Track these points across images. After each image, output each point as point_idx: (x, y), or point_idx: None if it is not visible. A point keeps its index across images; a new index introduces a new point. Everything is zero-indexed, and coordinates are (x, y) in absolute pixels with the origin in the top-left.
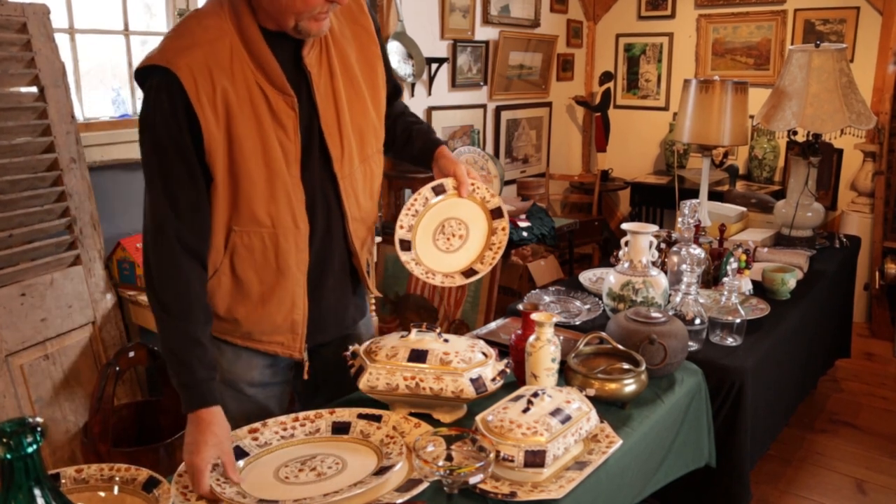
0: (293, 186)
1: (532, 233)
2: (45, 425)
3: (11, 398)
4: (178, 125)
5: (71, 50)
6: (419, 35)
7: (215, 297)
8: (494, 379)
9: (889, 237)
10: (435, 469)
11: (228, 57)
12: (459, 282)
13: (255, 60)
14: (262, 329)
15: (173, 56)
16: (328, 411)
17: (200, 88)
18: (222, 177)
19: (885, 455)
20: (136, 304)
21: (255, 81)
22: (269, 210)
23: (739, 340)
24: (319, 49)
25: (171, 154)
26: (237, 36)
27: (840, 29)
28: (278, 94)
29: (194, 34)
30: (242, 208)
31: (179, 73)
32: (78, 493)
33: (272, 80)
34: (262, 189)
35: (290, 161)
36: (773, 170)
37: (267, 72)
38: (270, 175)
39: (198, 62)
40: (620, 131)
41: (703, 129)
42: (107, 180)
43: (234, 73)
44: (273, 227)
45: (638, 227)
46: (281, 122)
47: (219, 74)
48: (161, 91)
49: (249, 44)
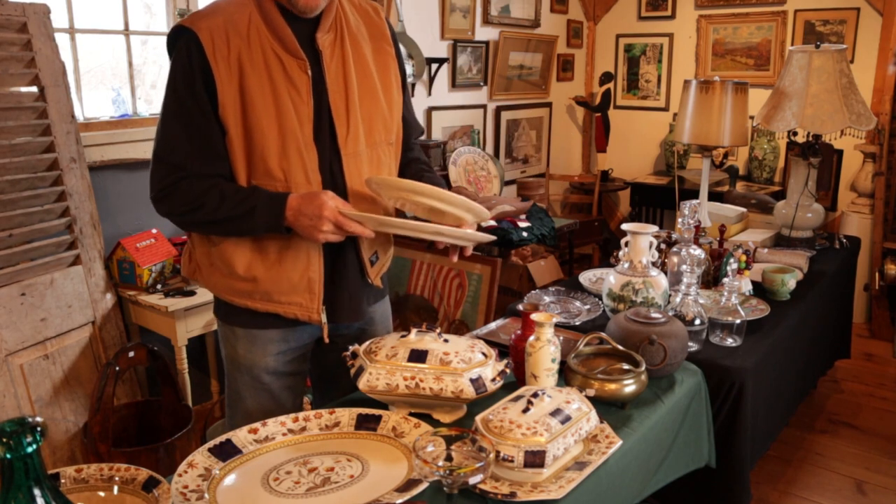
0: (305, 145)
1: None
2: (45, 425)
3: (11, 398)
4: (194, 76)
5: (71, 50)
6: (419, 35)
7: (234, 255)
8: (494, 379)
9: (889, 238)
10: (435, 469)
11: (246, 25)
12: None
13: (270, 30)
14: (281, 288)
15: (196, 19)
16: (328, 411)
17: (217, 47)
18: (236, 130)
19: (884, 455)
20: (136, 304)
21: (269, 47)
22: (282, 165)
23: (739, 341)
24: (335, 35)
25: (189, 106)
26: (256, 10)
27: (840, 30)
28: (292, 58)
29: (218, 5)
30: (257, 162)
31: (200, 33)
32: (78, 493)
33: (286, 46)
34: (274, 144)
35: (303, 121)
36: (773, 170)
37: (281, 38)
38: (283, 132)
39: (217, 26)
40: (620, 132)
41: (703, 129)
42: (107, 180)
43: (250, 38)
44: (286, 182)
45: (638, 227)
46: (294, 83)
47: (235, 38)
48: (182, 48)
49: (267, 16)
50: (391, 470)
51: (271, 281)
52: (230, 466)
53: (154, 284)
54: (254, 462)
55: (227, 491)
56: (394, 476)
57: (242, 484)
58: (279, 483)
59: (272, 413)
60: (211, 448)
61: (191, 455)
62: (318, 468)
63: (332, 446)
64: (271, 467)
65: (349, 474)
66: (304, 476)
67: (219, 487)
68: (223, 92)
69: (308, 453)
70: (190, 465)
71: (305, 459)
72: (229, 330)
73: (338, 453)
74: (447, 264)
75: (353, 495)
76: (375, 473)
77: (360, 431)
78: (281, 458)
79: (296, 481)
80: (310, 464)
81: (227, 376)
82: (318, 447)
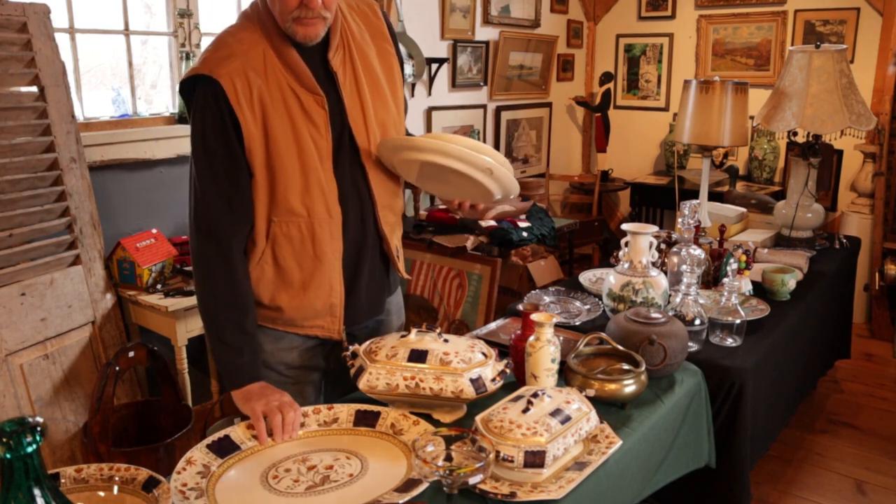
0: (326, 180)
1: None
2: (45, 425)
3: (11, 398)
4: (224, 128)
5: (71, 50)
6: (419, 35)
7: (259, 286)
8: (494, 379)
9: (889, 238)
10: (435, 469)
11: (262, 63)
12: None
13: (285, 65)
14: (304, 315)
15: (215, 66)
16: (326, 407)
17: (240, 92)
18: (261, 171)
19: (884, 456)
20: (136, 304)
21: (286, 84)
22: (305, 201)
23: (739, 341)
24: (343, 52)
25: (221, 156)
26: (268, 44)
27: (840, 30)
28: (308, 94)
29: (231, 46)
30: (280, 200)
31: (221, 80)
32: (77, 493)
33: (302, 82)
34: (297, 182)
35: (323, 156)
36: (773, 170)
37: (297, 74)
38: (304, 169)
39: (237, 70)
40: (620, 132)
41: (704, 129)
42: (107, 180)
43: (267, 76)
44: (309, 217)
45: (638, 227)
46: (312, 119)
47: (254, 77)
48: (206, 98)
49: (279, 50)
50: (391, 468)
51: (296, 309)
52: (229, 463)
53: (154, 284)
54: (252, 459)
55: (226, 489)
56: (393, 475)
57: (241, 482)
58: (278, 481)
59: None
60: (209, 444)
61: (189, 452)
62: (317, 466)
63: (331, 443)
64: (270, 464)
65: (348, 473)
66: (303, 474)
67: (217, 485)
68: (249, 136)
69: (307, 450)
70: (188, 461)
71: (304, 457)
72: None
73: (337, 450)
74: (447, 264)
75: (353, 495)
76: (375, 472)
77: (358, 428)
78: (279, 455)
79: (295, 479)
80: (309, 461)
81: None
82: (316, 443)
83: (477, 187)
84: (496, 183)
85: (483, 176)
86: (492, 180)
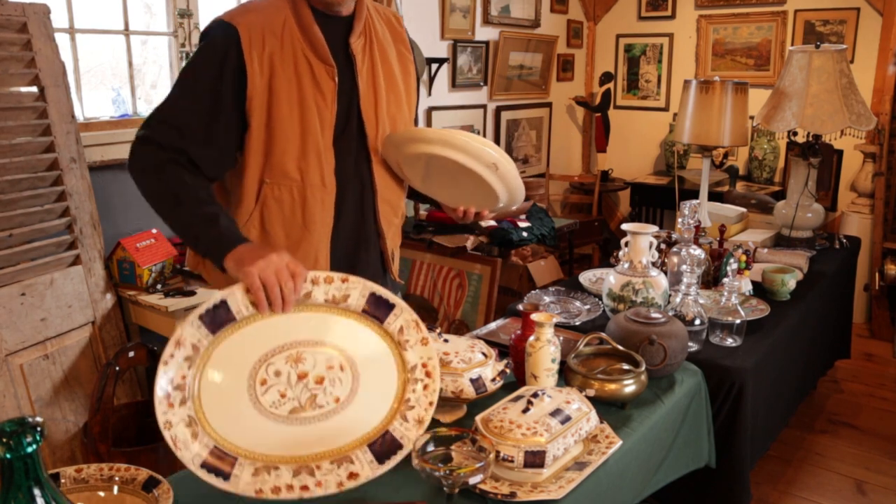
0: (325, 149)
1: (532, 233)
2: (45, 425)
3: (11, 398)
4: (225, 66)
5: (71, 50)
6: (419, 35)
7: None
8: (494, 379)
9: (889, 238)
10: (435, 469)
11: (281, 27)
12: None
13: (303, 34)
14: None
15: (236, 15)
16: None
17: (253, 44)
18: (258, 129)
19: (884, 456)
20: (136, 304)
21: (301, 50)
22: (300, 165)
23: (739, 341)
24: (365, 40)
25: (206, 73)
26: (291, 13)
27: (840, 30)
28: (321, 64)
29: (257, 4)
30: (275, 162)
31: (239, 27)
32: (78, 493)
33: (317, 51)
34: (294, 144)
35: (325, 125)
36: (773, 170)
37: (313, 43)
38: (304, 133)
39: (255, 23)
40: (620, 132)
41: (704, 129)
42: (107, 180)
43: (283, 40)
44: (302, 182)
45: (638, 227)
46: (320, 88)
47: (270, 38)
48: (219, 38)
49: (301, 20)
50: (379, 397)
51: None
52: (221, 337)
53: (154, 284)
54: (246, 336)
55: (212, 397)
56: (378, 409)
57: (228, 386)
58: (265, 390)
59: None
60: (202, 315)
61: (180, 328)
62: (308, 375)
63: (332, 331)
64: (261, 356)
65: (335, 396)
66: (291, 385)
67: (204, 381)
68: (253, 86)
69: (305, 339)
70: (178, 343)
71: (299, 354)
72: None
73: (333, 350)
74: (447, 264)
75: (333, 431)
76: (362, 400)
77: (366, 316)
78: (273, 340)
79: (282, 392)
80: (302, 363)
81: None
82: (316, 327)
83: (482, 187)
84: (501, 182)
85: (488, 172)
86: (497, 178)
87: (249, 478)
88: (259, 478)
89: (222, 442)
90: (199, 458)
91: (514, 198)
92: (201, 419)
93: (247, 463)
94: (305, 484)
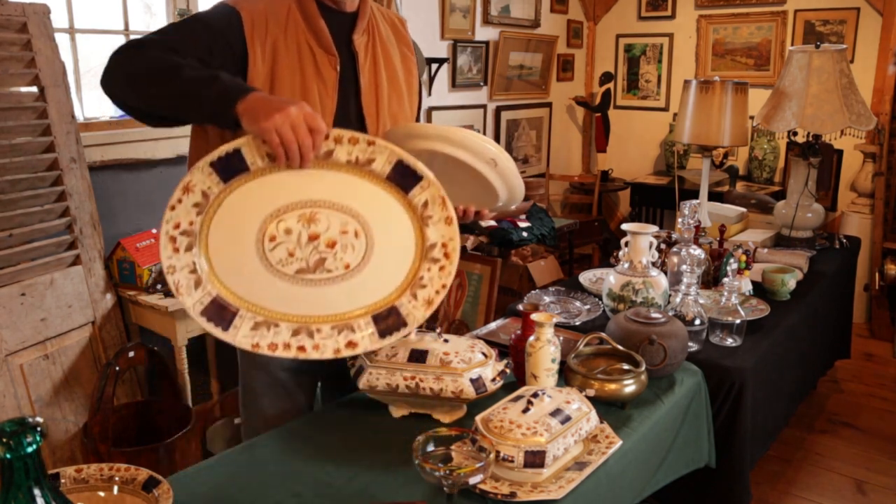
0: None
1: (532, 233)
2: (45, 425)
3: (11, 398)
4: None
5: (71, 50)
6: (419, 35)
7: None
8: (494, 379)
9: (889, 238)
10: (435, 469)
11: (285, 16)
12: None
13: (307, 23)
14: None
15: (239, 1)
16: (367, 140)
17: (256, 30)
18: None
19: (884, 456)
20: (136, 304)
21: (304, 40)
22: None
23: (739, 341)
24: (368, 38)
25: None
26: (295, 3)
27: (840, 30)
28: (324, 53)
29: None
30: None
31: (242, 12)
32: (78, 493)
33: (320, 41)
34: None
35: (326, 114)
36: (773, 170)
37: (316, 33)
38: None
39: (259, 11)
40: (620, 132)
41: (703, 129)
42: (107, 180)
43: (287, 29)
44: None
45: (638, 227)
46: (322, 76)
47: (274, 26)
48: (223, 16)
49: (305, 10)
50: (392, 268)
51: None
52: (232, 187)
53: (154, 284)
54: (258, 188)
55: (219, 247)
56: (388, 283)
57: (236, 238)
58: (274, 247)
59: (288, 412)
60: (214, 161)
61: (189, 174)
62: (319, 237)
63: (351, 194)
64: (273, 211)
65: (346, 262)
66: (301, 245)
67: (211, 233)
68: (254, 71)
69: (321, 198)
70: (186, 189)
71: (313, 213)
72: None
73: (350, 216)
74: None
75: (336, 298)
76: (372, 271)
77: (390, 184)
78: (287, 197)
79: (290, 251)
80: (315, 223)
81: (241, 375)
82: (335, 187)
83: (481, 185)
84: (501, 179)
85: (487, 169)
86: (496, 175)
87: (248, 331)
88: (258, 332)
89: (225, 293)
90: (199, 306)
91: (513, 196)
92: (207, 267)
93: (248, 316)
94: (303, 345)
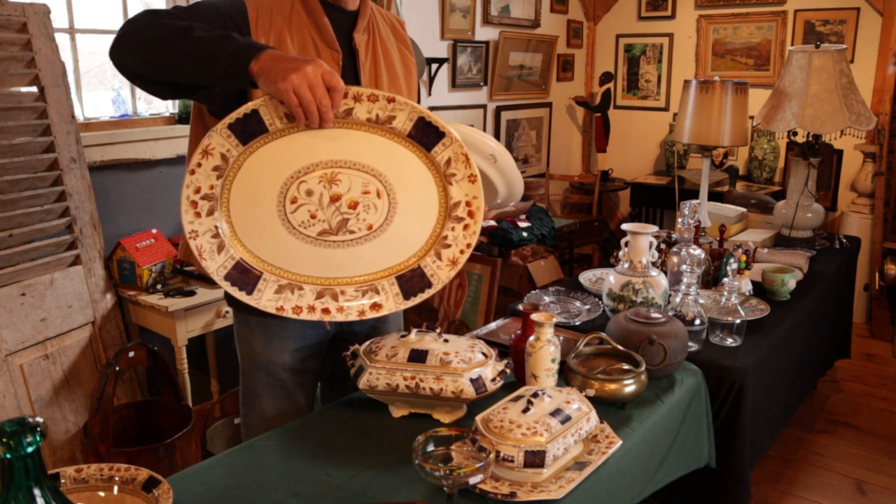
0: None
1: (532, 233)
2: (45, 425)
3: (11, 398)
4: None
5: (71, 50)
6: (419, 35)
7: None
8: (494, 379)
9: (889, 238)
10: (435, 469)
11: (289, 10)
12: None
13: (311, 19)
14: None
15: None
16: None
17: (260, 22)
18: None
19: (884, 455)
20: (136, 304)
21: (308, 34)
22: None
23: (739, 341)
24: (368, 37)
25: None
26: (299, 0)
27: (840, 30)
28: (327, 49)
29: None
30: None
31: (247, 4)
32: (78, 493)
33: (323, 36)
34: None
35: None
36: (773, 170)
37: (320, 28)
38: None
39: (263, 4)
40: (620, 132)
41: (703, 129)
42: (107, 180)
43: (291, 24)
44: None
45: (638, 227)
46: None
47: (278, 19)
48: (230, 4)
49: (308, 7)
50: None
51: None
52: (252, 149)
53: (154, 284)
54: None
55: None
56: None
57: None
58: (296, 209)
59: (288, 412)
60: (232, 124)
61: (207, 137)
62: (341, 197)
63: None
64: (293, 173)
65: (368, 223)
66: (322, 207)
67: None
68: None
69: (342, 158)
70: (205, 152)
71: (334, 175)
72: (244, 323)
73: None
74: None
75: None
76: (396, 231)
77: (411, 141)
78: (307, 157)
79: (312, 213)
80: (336, 184)
81: (242, 374)
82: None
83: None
84: (500, 175)
85: (486, 164)
86: (495, 170)
87: (272, 294)
88: (282, 295)
89: (248, 256)
90: (223, 270)
91: (512, 192)
92: (229, 231)
93: (272, 279)
94: (327, 307)
